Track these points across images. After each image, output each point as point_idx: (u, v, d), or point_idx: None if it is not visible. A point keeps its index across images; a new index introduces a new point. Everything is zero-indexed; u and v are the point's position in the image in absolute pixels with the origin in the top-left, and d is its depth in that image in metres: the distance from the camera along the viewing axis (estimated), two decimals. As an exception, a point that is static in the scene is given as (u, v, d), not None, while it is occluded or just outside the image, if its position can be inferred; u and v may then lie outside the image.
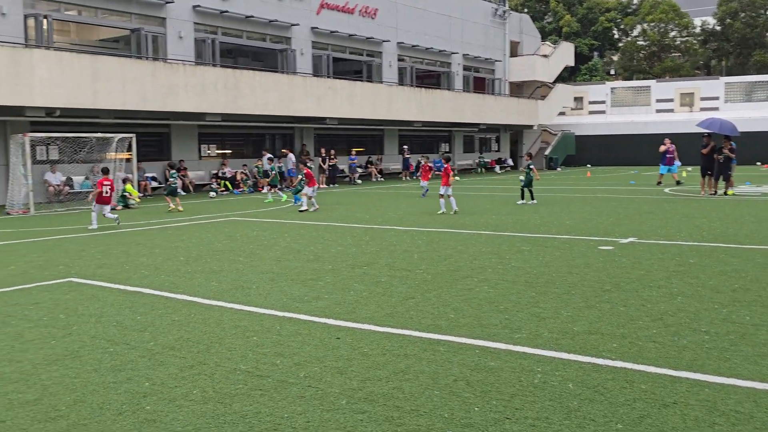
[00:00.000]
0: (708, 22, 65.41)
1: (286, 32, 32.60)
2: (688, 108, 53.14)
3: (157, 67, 25.48)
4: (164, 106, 25.45)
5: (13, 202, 20.96)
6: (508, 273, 9.42)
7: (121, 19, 27.08)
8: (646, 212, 17.39)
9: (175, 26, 28.05)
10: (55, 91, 22.24)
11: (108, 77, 23.59)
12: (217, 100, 27.13)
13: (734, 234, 12.96)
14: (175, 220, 17.67)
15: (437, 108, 38.85)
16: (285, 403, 4.80)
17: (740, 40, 62.35)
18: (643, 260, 10.26)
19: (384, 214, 18.08)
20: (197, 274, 9.81)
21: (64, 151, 23.26)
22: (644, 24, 65.11)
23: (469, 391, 4.95)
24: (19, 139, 21.05)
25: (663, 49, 65.28)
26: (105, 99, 23.59)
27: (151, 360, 5.85)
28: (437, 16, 41.68)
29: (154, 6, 27.33)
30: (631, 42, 67.28)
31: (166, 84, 25.34)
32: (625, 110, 54.98)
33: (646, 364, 5.47)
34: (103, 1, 25.87)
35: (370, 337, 6.40)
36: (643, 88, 55.50)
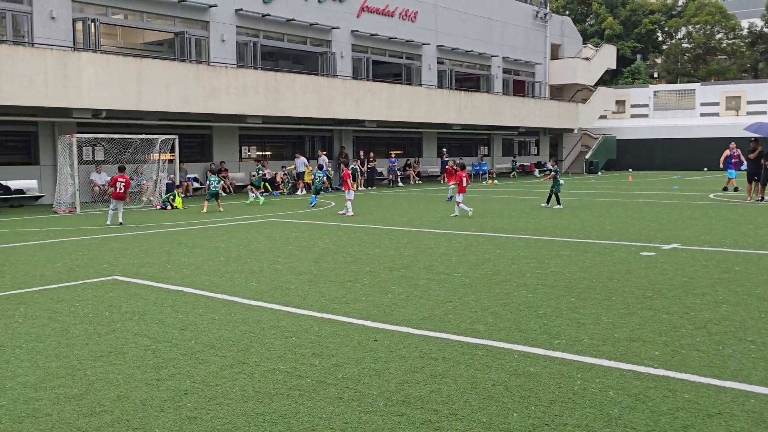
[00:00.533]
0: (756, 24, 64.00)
1: (327, 35, 32.81)
2: (734, 112, 52.04)
3: (199, 69, 25.86)
4: (206, 108, 25.81)
5: (60, 201, 21.46)
6: (547, 278, 9.33)
7: (165, 23, 27.55)
8: (690, 218, 17.08)
9: (218, 29, 28.43)
10: (102, 93, 22.73)
11: (152, 80, 24.03)
12: (258, 103, 27.42)
13: (781, 241, 12.65)
14: (215, 220, 17.91)
15: (476, 111, 38.69)
16: (323, 404, 4.82)
17: (789, 43, 60.93)
18: (687, 267, 10.08)
19: (422, 217, 18.06)
20: (237, 274, 9.92)
21: (109, 151, 23.75)
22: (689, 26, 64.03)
23: (508, 396, 4.91)
24: (67, 140, 21.55)
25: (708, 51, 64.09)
26: (149, 101, 24.04)
27: (192, 358, 5.94)
28: (477, 18, 41.53)
29: (198, 10, 27.74)
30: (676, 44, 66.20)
31: (209, 86, 25.71)
32: (669, 114, 54.07)
33: (690, 373, 5.37)
34: (149, 5, 26.35)
35: (407, 339, 6.40)
36: (687, 91, 54.51)
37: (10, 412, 4.77)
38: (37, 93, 21.31)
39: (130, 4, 25.88)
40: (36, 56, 21.38)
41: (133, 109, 23.90)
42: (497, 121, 40.54)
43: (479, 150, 44.68)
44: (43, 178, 24.20)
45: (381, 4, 35.13)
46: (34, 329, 6.98)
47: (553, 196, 20.61)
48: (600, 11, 68.19)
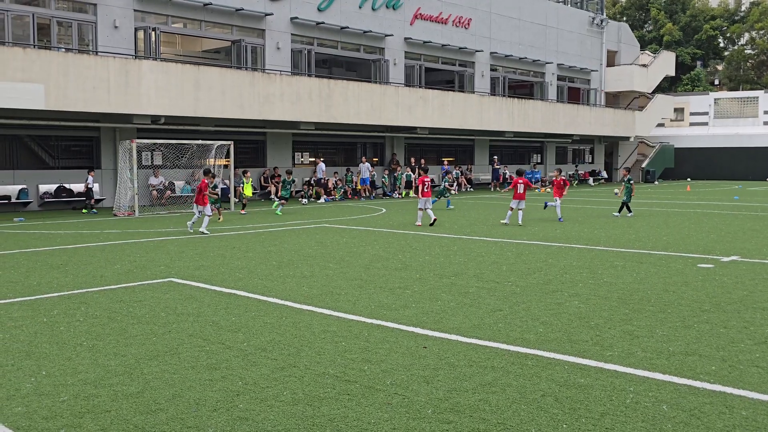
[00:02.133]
0: (823, 30, 61.92)
1: (380, 43, 32.99)
2: (798, 120, 50.36)
3: (255, 77, 26.29)
4: (261, 114, 26.23)
5: (120, 204, 22.07)
6: (600, 288, 9.20)
7: (222, 31, 28.11)
8: (751, 229, 16.60)
9: (274, 37, 28.87)
10: (161, 99, 23.33)
11: (209, 86, 24.55)
12: (311, 109, 27.74)
13: None
14: (269, 225, 18.16)
15: (529, 118, 38.35)
16: (372, 409, 4.86)
17: None
18: (746, 280, 9.80)
19: (473, 225, 17.98)
20: (289, 278, 10.05)
21: (167, 156, 24.32)
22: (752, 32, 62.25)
23: (558, 408, 4.87)
24: (127, 146, 22.17)
25: (772, 58, 62.22)
26: (206, 107, 24.56)
27: (244, 360, 6.05)
28: (532, 25, 41.19)
29: (255, 18, 28.23)
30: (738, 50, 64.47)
31: (263, 93, 26.12)
32: (730, 122, 52.66)
33: (748, 390, 5.23)
34: (207, 13, 26.94)
35: (456, 347, 6.39)
36: (750, 99, 53.01)
37: (71, 407, 4.94)
38: (100, 99, 22.00)
39: (189, 13, 26.50)
40: (99, 64, 22.07)
41: (191, 115, 24.44)
42: (550, 129, 40.10)
43: (532, 158, 44.23)
44: (104, 182, 24.92)
45: (434, 12, 35.16)
46: (94, 328, 7.20)
47: (624, 205, 20.58)
48: (659, 17, 66.87)
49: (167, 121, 24.72)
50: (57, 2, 23.51)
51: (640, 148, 51.47)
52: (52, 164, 24.47)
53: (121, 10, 24.43)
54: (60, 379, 5.56)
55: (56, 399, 5.12)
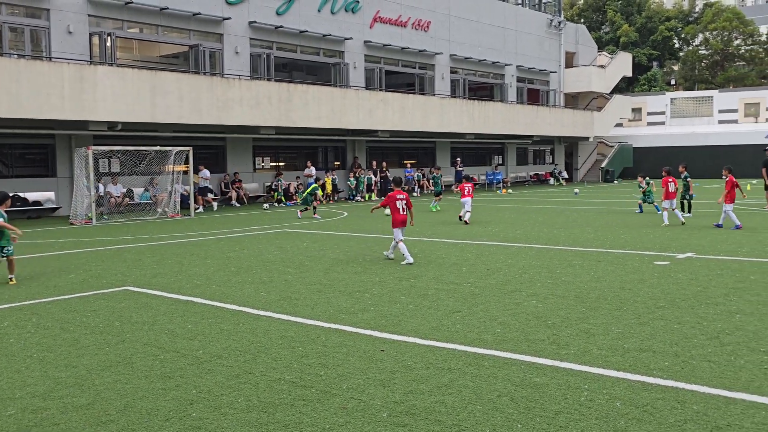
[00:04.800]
0: (774, 30, 63.55)
1: (340, 46, 32.95)
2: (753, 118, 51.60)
3: (213, 81, 26.04)
4: (220, 119, 25.98)
5: (76, 212, 21.65)
6: (558, 287, 9.27)
7: (180, 36, 27.80)
8: (707, 227, 16.92)
9: (232, 42, 28.64)
10: (117, 105, 22.97)
11: (166, 92, 24.23)
12: (271, 114, 27.56)
13: (798, 249, 12.49)
14: (228, 231, 17.98)
15: (489, 120, 38.65)
16: (327, 414, 4.81)
17: (808, 49, 60.39)
18: (701, 276, 9.98)
19: (434, 227, 18.03)
20: (247, 284, 9.95)
21: (125, 163, 23.94)
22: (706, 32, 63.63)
23: (513, 407, 4.88)
24: (83, 153, 21.76)
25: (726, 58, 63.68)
26: (163, 113, 24.24)
27: (199, 368, 5.95)
28: (491, 27, 41.53)
29: (213, 23, 27.97)
30: (693, 51, 65.84)
31: (222, 98, 25.89)
32: (686, 121, 53.74)
33: (700, 384, 5.31)
34: (164, 18, 26.61)
35: (414, 350, 6.38)
36: (705, 98, 54.19)
37: (18, 421, 4.80)
38: (54, 106, 21.57)
39: (145, 17, 26.15)
40: (53, 70, 21.64)
41: (148, 121, 24.11)
42: (511, 130, 40.46)
43: (493, 159, 44.58)
44: (60, 190, 24.43)
45: (394, 15, 35.23)
46: (45, 339, 7.03)
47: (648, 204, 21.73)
48: (615, 18, 67.96)
49: (124, 127, 24.34)
50: (8, 8, 22.99)
51: (599, 148, 52.22)
52: (6, 173, 23.92)
53: (75, 15, 24.00)
54: (8, 393, 5.41)
55: (2, 413, 4.97)
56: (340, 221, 20.48)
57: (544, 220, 19.40)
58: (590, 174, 51.51)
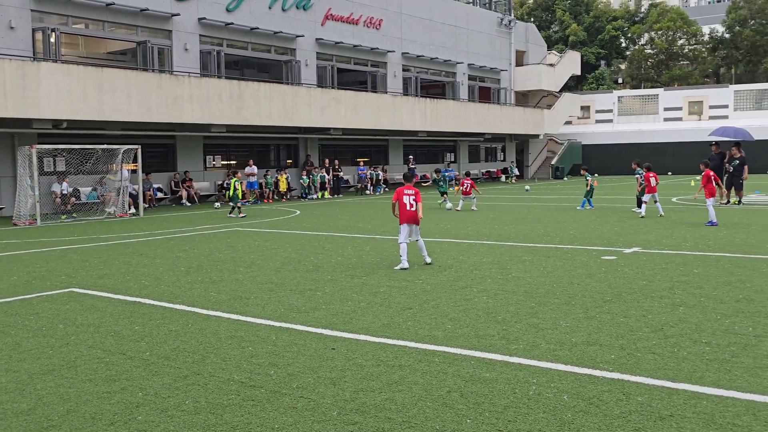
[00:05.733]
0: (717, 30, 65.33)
1: (291, 43, 32.73)
2: (696, 116, 52.99)
3: (162, 79, 25.60)
4: (169, 117, 25.55)
5: (20, 213, 21.05)
6: (508, 283, 9.37)
7: (127, 32, 27.25)
8: (653, 221, 17.30)
9: (181, 38, 28.20)
10: (62, 103, 22.39)
11: (114, 89, 23.73)
12: (222, 112, 27.23)
13: (741, 244, 12.85)
14: (179, 230, 17.71)
15: (441, 118, 38.88)
16: (276, 414, 4.77)
17: (750, 48, 62.23)
18: (646, 270, 10.19)
19: (386, 225, 18.05)
20: (197, 284, 9.80)
21: (71, 162, 23.37)
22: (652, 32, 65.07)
23: (463, 403, 4.90)
24: (27, 152, 21.16)
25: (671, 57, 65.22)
26: (111, 111, 23.73)
27: (146, 370, 5.84)
28: (442, 26, 41.77)
29: (161, 19, 27.49)
30: (639, 50, 67.25)
31: (171, 95, 25.47)
32: (633, 119, 54.88)
33: (644, 376, 5.41)
34: (110, 14, 26.04)
35: (365, 347, 6.36)
36: (650, 96, 55.40)
37: (-48, 431, 4.64)
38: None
39: (91, 13, 25.55)
40: (-7, 66, 20.98)
41: (95, 119, 23.57)
42: (463, 128, 40.78)
43: (445, 157, 44.86)
44: (2, 190, 23.72)
45: (345, 12, 35.16)
46: (-16, 344, 6.81)
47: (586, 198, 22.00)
48: (564, 18, 69.05)
49: (70, 125, 23.75)
50: (-55, 1, 22.23)
51: (549, 146, 52.98)
52: (-55, 172, 23.14)
53: (16, 9, 23.31)
54: (-57, 400, 5.22)
55: (-63, 422, 4.80)
56: (293, 219, 20.35)
57: (496, 217, 19.60)
58: (540, 171, 52.24)
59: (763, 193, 27.54)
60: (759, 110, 51.35)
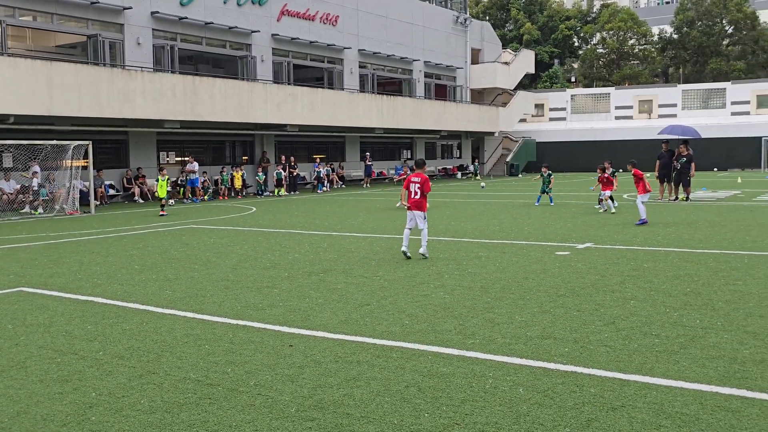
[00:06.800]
0: (665, 31, 66.77)
1: (247, 39, 32.43)
2: (646, 115, 54.14)
3: (114, 73, 25.11)
4: (121, 112, 25.08)
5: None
6: (465, 279, 9.46)
7: (77, 25, 26.65)
8: (604, 218, 17.63)
9: (133, 32, 27.70)
10: (8, 97, 21.79)
11: (63, 84, 23.19)
12: (176, 107, 26.84)
13: (689, 239, 13.20)
14: (132, 228, 17.41)
15: (398, 115, 38.98)
16: (234, 412, 4.74)
17: (697, 49, 63.76)
18: (599, 265, 10.39)
19: (344, 221, 18.05)
20: (151, 282, 9.67)
21: (18, 158, 22.77)
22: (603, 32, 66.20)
23: (420, 397, 4.94)
24: (-29, 147, 20.56)
25: (622, 56, 66.46)
26: (60, 106, 23.18)
27: (99, 370, 5.74)
28: (398, 23, 41.85)
29: (112, 12, 26.96)
30: (591, 50, 68.37)
31: (123, 90, 25.00)
32: (585, 117, 55.81)
33: (597, 368, 5.53)
34: (59, 6, 25.44)
35: (323, 344, 6.36)
36: (602, 95, 56.40)
37: None
38: (-62, 97, 20.26)
39: (39, 5, 24.93)
40: (-64, 58, 20.32)
41: (44, 114, 22.99)
42: (419, 125, 40.95)
43: (402, 154, 45.00)
44: (-54, 187, 23.01)
45: (301, 8, 34.97)
46: (-72, 346, 6.61)
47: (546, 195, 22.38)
48: (518, 17, 69.79)
49: (17, 120, 23.11)
50: None
51: (504, 143, 53.54)
52: None
53: (-40, 1, 22.62)
54: None
55: None
56: (249, 217, 20.19)
57: (452, 213, 19.74)
58: (496, 168, 52.77)
59: (709, 189, 28.31)
60: (706, 109, 52.73)
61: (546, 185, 22.43)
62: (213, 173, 30.76)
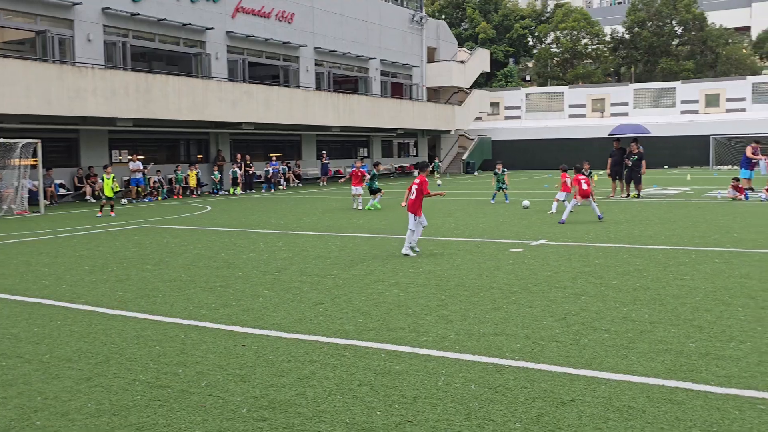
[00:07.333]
0: (617, 31, 67.99)
1: (201, 36, 32.03)
2: (599, 113, 55.09)
3: (63, 70, 24.56)
4: (71, 110, 24.55)
5: None
6: (419, 276, 9.50)
7: (26, 21, 25.98)
8: (558, 215, 17.86)
9: (84, 28, 27.12)
10: (-47, 94, 21.17)
11: (11, 81, 22.59)
12: (128, 105, 26.38)
13: (639, 235, 13.46)
14: (82, 228, 17.05)
15: (354, 113, 38.95)
16: (184, 414, 4.68)
17: (648, 48, 65.08)
18: (551, 262, 10.53)
19: (300, 220, 17.96)
20: (101, 283, 9.48)
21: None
22: (557, 32, 67.12)
23: (373, 396, 4.95)
24: None
25: (575, 56, 67.46)
26: (8, 103, 22.59)
27: (45, 373, 5.61)
28: (355, 21, 41.81)
29: (62, 7, 26.35)
30: (545, 49, 69.26)
31: (74, 88, 24.47)
32: (540, 116, 56.56)
33: (548, 364, 5.60)
34: (7, 1, 24.76)
35: (276, 343, 6.32)
36: (556, 94, 57.22)
37: None
38: None
39: (-16, -1, 24.25)
40: None
41: (-10, 111, 22.40)
42: (376, 123, 40.98)
43: (359, 152, 44.99)
44: None
45: (257, 5, 34.67)
46: None
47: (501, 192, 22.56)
48: (474, 16, 70.33)
49: (-38, 118, 22.49)
50: None
51: (460, 141, 53.94)
52: None
53: None
54: None
55: None
56: (204, 216, 19.95)
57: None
58: (452, 166, 53.11)
59: (660, 187, 28.93)
60: (656, 108, 53.89)
61: (501, 183, 22.58)
62: (167, 172, 30.30)
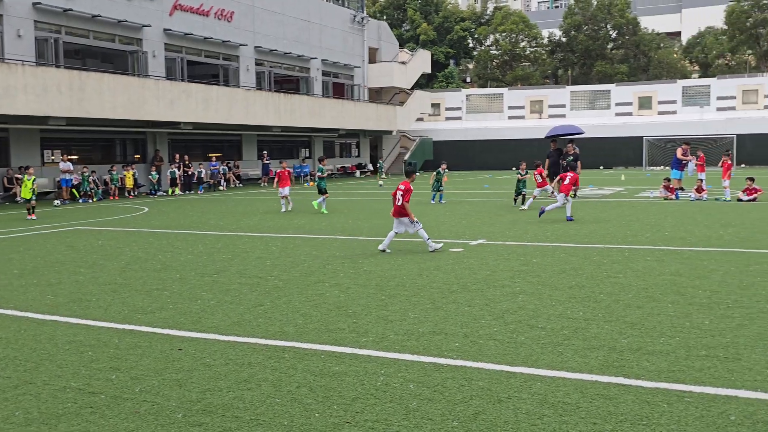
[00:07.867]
0: (555, 34, 69.42)
1: (137, 33, 31.33)
2: (537, 115, 56.12)
3: (-8, 66, 23.70)
4: (0, 108, 23.69)
5: None
6: (360, 277, 9.50)
7: (-51, 14, 24.98)
8: (497, 215, 18.13)
9: (13, 24, 26.21)
10: None
11: (-66, 76, 21.68)
12: (61, 103, 25.61)
13: (575, 234, 13.76)
14: (11, 230, 16.48)
15: (296, 113, 38.72)
16: (117, 420, 4.56)
17: (584, 52, 66.61)
18: (490, 261, 10.67)
19: (240, 221, 17.75)
20: (32, 287, 9.17)
21: None
22: (497, 34, 68.09)
23: (311, 397, 4.92)
24: None
25: (514, 58, 68.57)
26: (-69, 100, 21.68)
27: (-30, 383, 5.39)
28: (296, 20, 41.56)
29: (-11, 1, 25.43)
30: (485, 51, 70.19)
31: (2, 85, 23.63)
32: (480, 117, 57.27)
33: (485, 362, 5.67)
34: (-71, -7, 23.77)
35: (214, 347, 6.23)
36: (496, 95, 58.03)
37: None
38: None
39: None
40: None
41: None
42: (317, 124, 40.82)
43: (300, 152, 44.75)
44: None
45: (195, 3, 34.12)
46: None
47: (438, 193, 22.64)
48: (415, 17, 70.78)
49: None
50: None
51: (402, 142, 54.18)
52: None
53: None
54: None
55: None
56: (140, 217, 19.52)
57: (349, 212, 19.78)
58: (394, 167, 53.31)
59: (596, 187, 29.65)
60: (592, 110, 55.22)
61: (439, 183, 22.77)
62: (102, 172, 29.54)
